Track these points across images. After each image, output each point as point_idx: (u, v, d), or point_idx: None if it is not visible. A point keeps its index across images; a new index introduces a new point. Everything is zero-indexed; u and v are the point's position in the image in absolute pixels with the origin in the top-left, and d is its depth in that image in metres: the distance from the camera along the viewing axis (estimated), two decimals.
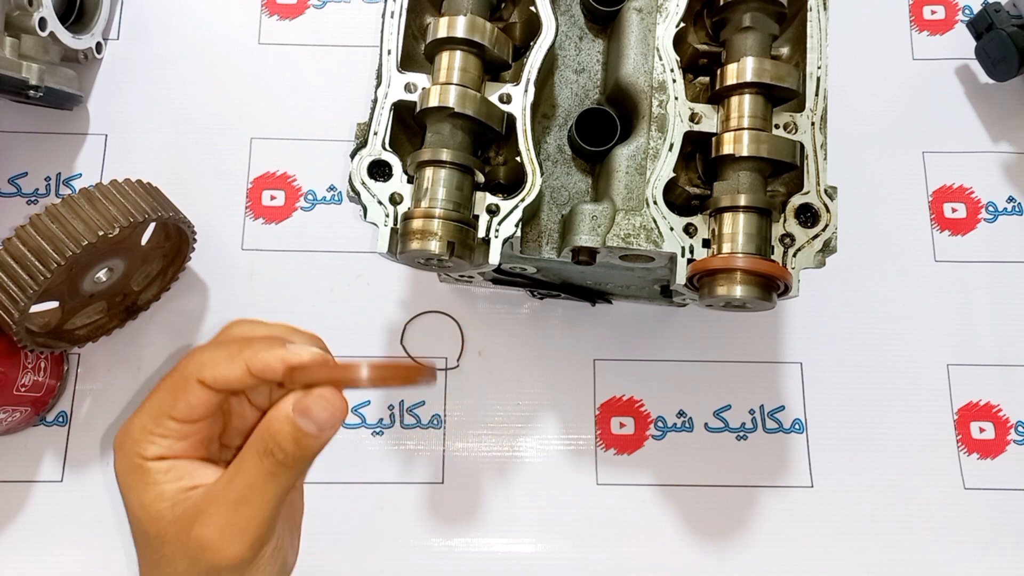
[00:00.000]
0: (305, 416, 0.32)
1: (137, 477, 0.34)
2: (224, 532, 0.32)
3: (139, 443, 0.34)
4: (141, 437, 0.34)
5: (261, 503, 0.33)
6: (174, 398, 0.34)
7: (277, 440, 0.32)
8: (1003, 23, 0.64)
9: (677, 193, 0.47)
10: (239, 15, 0.71)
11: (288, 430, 0.32)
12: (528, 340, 0.64)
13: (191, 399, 0.34)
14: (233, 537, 0.32)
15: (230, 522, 0.32)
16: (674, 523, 0.60)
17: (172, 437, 0.34)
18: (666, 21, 0.48)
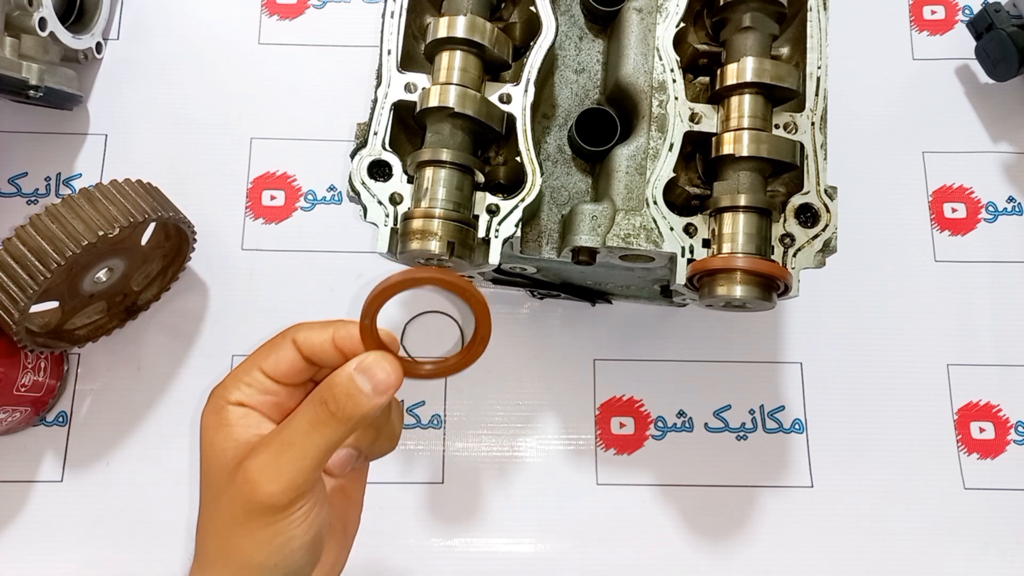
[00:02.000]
0: (364, 374, 0.35)
1: (215, 418, 0.36)
2: (264, 469, 0.34)
3: (227, 388, 0.37)
4: (230, 383, 0.37)
5: (304, 449, 0.34)
6: (268, 352, 0.37)
7: (333, 391, 0.35)
8: (1003, 23, 0.64)
9: (677, 193, 0.47)
10: (239, 15, 0.71)
11: (345, 384, 0.35)
12: (528, 340, 0.64)
13: (280, 355, 0.37)
14: (271, 476, 0.34)
15: (272, 461, 0.34)
16: (674, 523, 0.60)
17: (255, 388, 0.37)
18: (666, 21, 0.48)
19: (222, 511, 0.36)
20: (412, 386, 0.63)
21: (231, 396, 0.37)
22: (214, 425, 0.36)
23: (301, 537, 0.36)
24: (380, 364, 0.35)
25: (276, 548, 0.35)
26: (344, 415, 0.34)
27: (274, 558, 0.35)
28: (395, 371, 0.35)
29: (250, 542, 0.35)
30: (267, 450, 0.35)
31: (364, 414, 0.35)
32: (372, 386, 0.35)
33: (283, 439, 0.35)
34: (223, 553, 0.36)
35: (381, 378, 0.35)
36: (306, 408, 0.35)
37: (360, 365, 0.35)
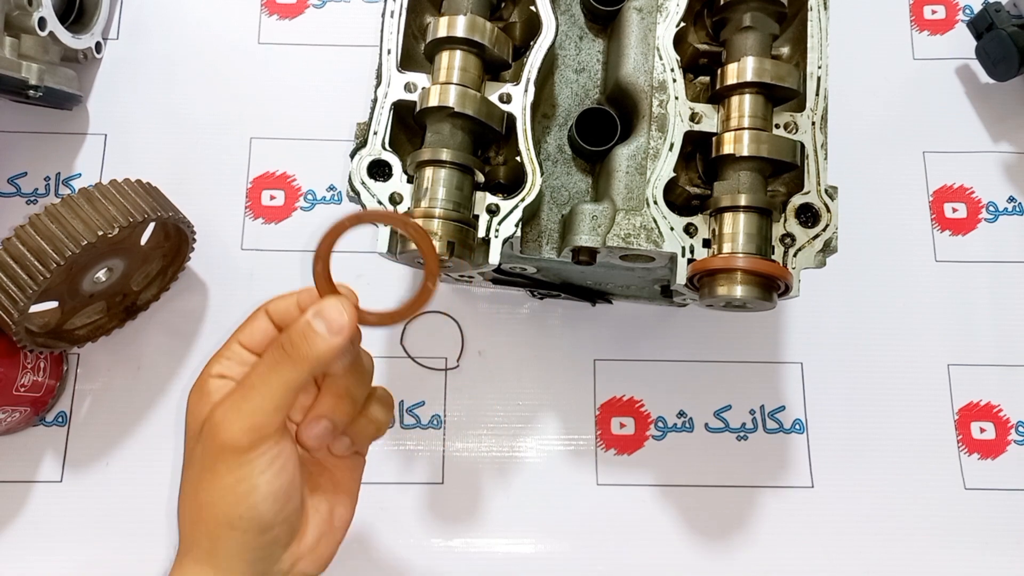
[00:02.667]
0: (318, 316, 0.37)
1: (198, 390, 0.39)
2: (228, 412, 0.36)
3: (210, 365, 0.39)
4: (213, 360, 0.40)
5: (264, 391, 0.36)
6: (244, 326, 0.40)
7: (290, 334, 0.37)
8: (1003, 23, 0.64)
9: (677, 193, 0.47)
10: (239, 15, 0.71)
11: (301, 327, 0.37)
12: (528, 340, 0.64)
13: (255, 326, 0.40)
14: (234, 419, 0.36)
15: (235, 404, 0.37)
16: (674, 523, 0.60)
17: (234, 360, 0.39)
18: (666, 21, 0.48)
19: (193, 467, 0.38)
20: (412, 386, 0.63)
21: (212, 370, 0.39)
22: (197, 397, 0.39)
23: (266, 485, 0.37)
24: (333, 305, 0.37)
25: (240, 495, 0.36)
26: (299, 355, 0.36)
27: (240, 506, 0.36)
28: (348, 311, 0.37)
29: (216, 490, 0.36)
30: (230, 397, 0.37)
31: (319, 355, 0.36)
32: (326, 326, 0.36)
33: (244, 384, 0.37)
34: (194, 511, 0.38)
35: (334, 316, 0.36)
36: (266, 354, 0.37)
37: (316, 309, 0.37)
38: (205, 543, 0.37)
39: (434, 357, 0.64)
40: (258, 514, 0.37)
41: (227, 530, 0.37)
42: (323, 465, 0.42)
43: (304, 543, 0.40)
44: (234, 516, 0.36)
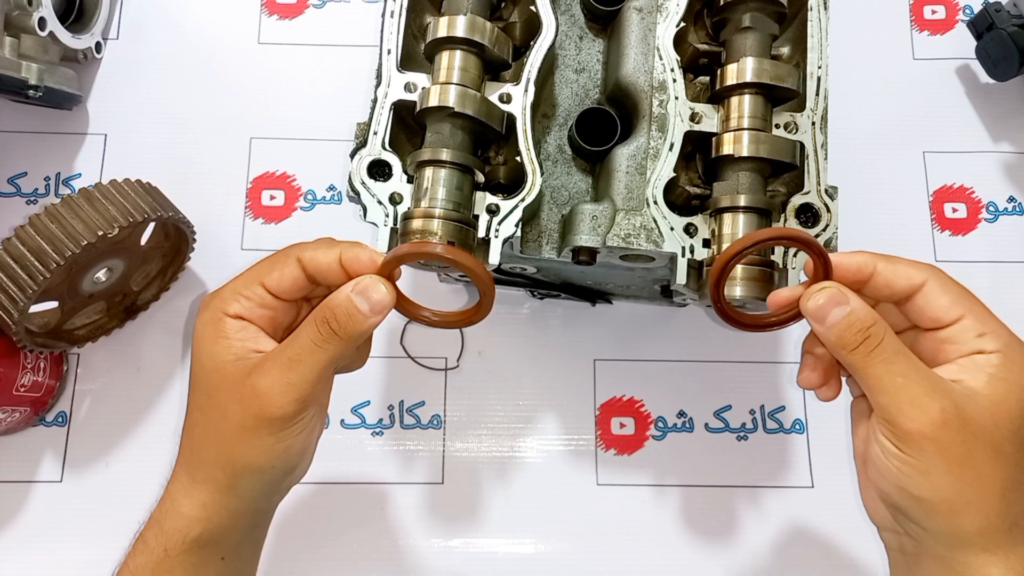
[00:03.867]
0: (361, 295, 0.37)
1: (213, 329, 0.38)
2: (276, 384, 0.37)
3: (226, 300, 0.39)
4: (229, 296, 0.39)
5: (311, 364, 0.37)
6: (271, 268, 0.39)
7: (334, 312, 0.37)
8: (1003, 23, 0.64)
9: (677, 193, 0.47)
10: (239, 15, 0.71)
11: (345, 304, 0.37)
12: (528, 340, 0.64)
13: (284, 271, 0.39)
14: (283, 390, 0.37)
15: (282, 376, 0.37)
16: (674, 523, 0.60)
17: (255, 302, 0.39)
18: (666, 21, 0.48)
19: (227, 423, 0.38)
20: (412, 386, 0.63)
21: (230, 308, 0.38)
22: (211, 336, 0.38)
23: (302, 443, 0.39)
24: (376, 286, 0.38)
25: (279, 453, 0.38)
26: (345, 333, 0.37)
27: (276, 461, 0.39)
28: (389, 293, 0.38)
29: (255, 449, 0.38)
30: (275, 367, 0.37)
31: (362, 332, 0.38)
32: (369, 306, 0.37)
33: (290, 356, 0.37)
34: (222, 458, 0.39)
35: (377, 299, 0.37)
36: (309, 328, 0.38)
37: (357, 287, 0.38)
38: (226, 480, 0.39)
39: (434, 357, 0.64)
40: (289, 464, 0.39)
41: (255, 474, 0.39)
42: None
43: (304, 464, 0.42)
44: (267, 466, 0.39)
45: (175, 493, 0.40)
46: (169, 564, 0.40)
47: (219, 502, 0.39)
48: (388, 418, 0.62)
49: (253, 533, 0.43)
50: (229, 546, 0.41)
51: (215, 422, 0.39)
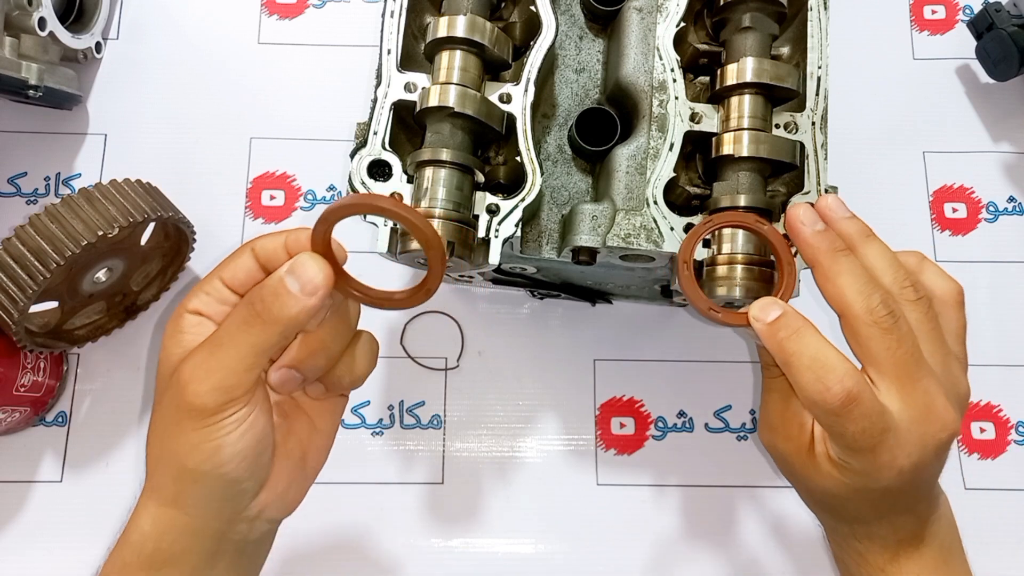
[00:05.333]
0: (292, 274, 0.34)
1: (172, 325, 0.37)
2: (196, 369, 0.34)
3: (188, 298, 0.37)
4: (191, 294, 0.38)
5: (233, 349, 0.34)
6: (227, 262, 0.38)
7: (261, 292, 0.35)
8: (1003, 23, 0.64)
9: (677, 193, 0.47)
10: (239, 15, 0.71)
11: (273, 284, 0.34)
12: (528, 340, 0.64)
13: (238, 262, 0.37)
14: (200, 376, 0.34)
15: (203, 362, 0.35)
16: (674, 523, 0.60)
17: (213, 297, 0.37)
18: (666, 21, 0.48)
19: (162, 413, 0.36)
20: (412, 386, 0.63)
21: (189, 305, 0.37)
22: (170, 332, 0.37)
23: (232, 446, 0.35)
24: (308, 263, 0.34)
25: (207, 454, 0.35)
26: (270, 315, 0.34)
27: (205, 464, 0.35)
28: (323, 271, 0.34)
29: (182, 444, 0.35)
30: (199, 351, 0.35)
31: (292, 316, 0.34)
32: (300, 286, 0.34)
33: (213, 340, 0.35)
34: (162, 457, 0.37)
35: (309, 277, 0.34)
36: (236, 310, 0.35)
37: (291, 266, 0.34)
38: (170, 488, 0.37)
39: (434, 357, 0.64)
40: (224, 472, 0.35)
41: (191, 481, 0.36)
42: (299, 407, 0.41)
43: (273, 491, 0.39)
44: (200, 471, 0.35)
45: (138, 504, 0.38)
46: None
47: (167, 517, 0.37)
48: (388, 418, 0.62)
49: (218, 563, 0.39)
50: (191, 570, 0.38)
51: (156, 417, 0.37)
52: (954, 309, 0.41)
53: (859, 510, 0.41)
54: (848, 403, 0.36)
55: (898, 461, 0.37)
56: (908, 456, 0.37)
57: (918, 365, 0.37)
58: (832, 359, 0.37)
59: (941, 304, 0.40)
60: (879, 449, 0.37)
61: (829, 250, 0.39)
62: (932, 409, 0.37)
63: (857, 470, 0.38)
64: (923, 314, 0.39)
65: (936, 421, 0.37)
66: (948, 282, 0.41)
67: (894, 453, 0.37)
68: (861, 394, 0.36)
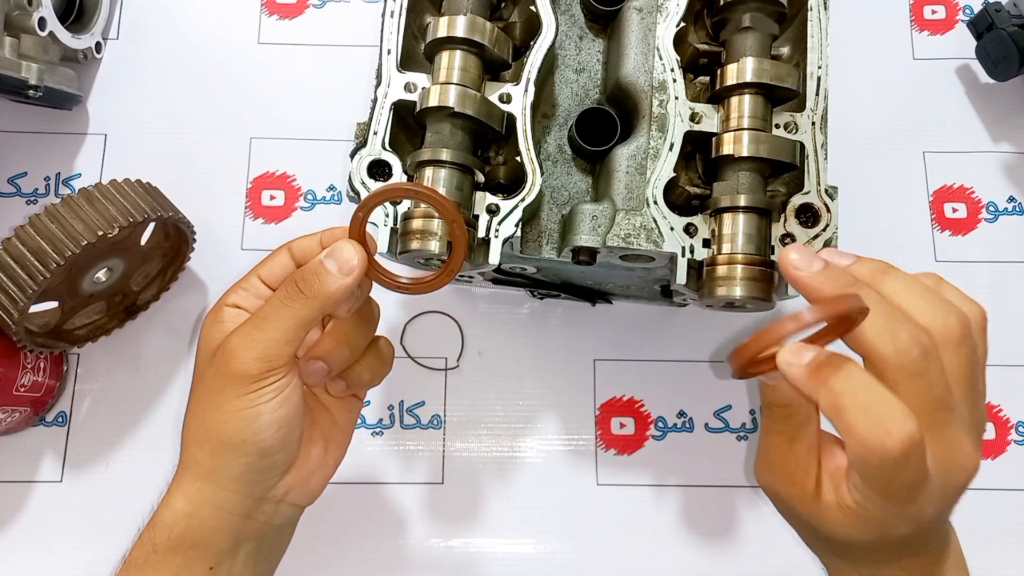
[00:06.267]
0: (330, 256, 0.38)
1: (212, 317, 0.41)
2: (241, 340, 0.38)
3: (227, 294, 0.41)
4: (230, 290, 0.42)
5: (275, 322, 0.38)
6: (265, 260, 0.42)
7: (303, 272, 0.38)
8: (1004, 23, 0.64)
9: (677, 193, 0.47)
10: (239, 15, 0.71)
11: (313, 265, 0.38)
12: (528, 340, 0.64)
13: (275, 260, 0.42)
14: (246, 345, 0.38)
15: (247, 334, 0.38)
16: (674, 523, 0.60)
17: (251, 292, 0.41)
18: (666, 21, 0.48)
19: (203, 390, 0.39)
20: (412, 386, 0.63)
21: (228, 299, 0.41)
22: (210, 322, 0.41)
23: (271, 413, 0.38)
24: (345, 247, 0.38)
25: (247, 420, 0.38)
26: (311, 291, 0.38)
27: (245, 431, 0.38)
28: (359, 254, 0.38)
29: (223, 413, 0.38)
30: (244, 326, 0.39)
31: (330, 292, 0.38)
32: (338, 266, 0.38)
33: (258, 315, 0.39)
34: (199, 431, 0.39)
35: (346, 258, 0.38)
36: (280, 288, 0.39)
37: (330, 250, 0.39)
38: (206, 462, 0.39)
39: (434, 357, 0.64)
40: (261, 439, 0.38)
41: (229, 451, 0.39)
42: (322, 403, 0.44)
43: (299, 473, 0.42)
44: (238, 439, 0.38)
45: (171, 484, 0.41)
46: (156, 561, 0.40)
47: (201, 492, 0.39)
48: (388, 418, 0.62)
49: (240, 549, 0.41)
50: (216, 554, 0.40)
51: (196, 395, 0.40)
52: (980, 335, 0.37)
53: (868, 555, 0.38)
54: (912, 450, 0.31)
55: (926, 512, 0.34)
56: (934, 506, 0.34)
57: (949, 410, 0.33)
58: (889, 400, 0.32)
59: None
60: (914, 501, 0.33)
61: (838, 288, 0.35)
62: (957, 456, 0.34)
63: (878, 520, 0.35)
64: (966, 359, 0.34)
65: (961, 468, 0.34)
66: (971, 306, 0.37)
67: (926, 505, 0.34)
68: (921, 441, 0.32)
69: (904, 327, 0.34)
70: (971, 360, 0.34)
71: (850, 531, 0.36)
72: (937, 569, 0.38)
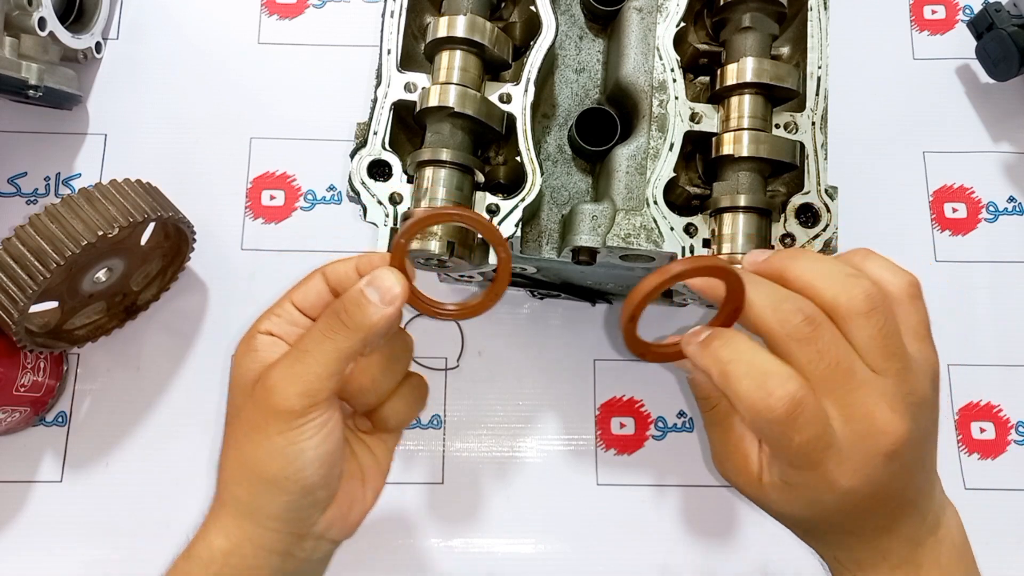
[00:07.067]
0: (372, 286, 0.37)
1: (245, 344, 0.39)
2: (283, 376, 0.37)
3: (260, 320, 0.40)
4: (263, 316, 0.40)
5: (318, 356, 0.37)
6: (299, 286, 0.40)
7: (344, 302, 0.37)
8: (1003, 23, 0.64)
9: (677, 193, 0.47)
10: (239, 15, 0.71)
11: (354, 295, 0.37)
12: (528, 340, 0.64)
13: (309, 285, 0.40)
14: (288, 381, 0.36)
15: (289, 367, 0.37)
16: (674, 523, 0.60)
17: (284, 319, 0.39)
18: (666, 21, 0.48)
19: (241, 424, 0.38)
20: None
21: (260, 326, 0.39)
22: (243, 350, 0.39)
23: (313, 450, 0.37)
24: (386, 275, 0.37)
25: (289, 458, 0.37)
26: (354, 323, 0.37)
27: (287, 468, 0.37)
28: (401, 282, 0.37)
29: (264, 451, 0.37)
30: (284, 360, 0.37)
31: (372, 323, 0.37)
32: (379, 295, 0.37)
33: (299, 347, 0.37)
34: (240, 469, 0.38)
35: (387, 287, 0.37)
36: (320, 320, 0.38)
37: (370, 279, 0.37)
38: (247, 499, 0.38)
39: (434, 357, 0.64)
40: (304, 477, 0.37)
41: (271, 489, 0.37)
42: (358, 435, 0.43)
43: (339, 508, 0.40)
44: (280, 477, 0.37)
45: (208, 519, 0.39)
46: None
47: (243, 531, 0.38)
48: None
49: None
50: None
51: (234, 430, 0.38)
52: (909, 304, 0.37)
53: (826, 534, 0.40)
54: (793, 408, 0.32)
55: (842, 480, 0.34)
56: (854, 474, 0.34)
57: (849, 375, 0.34)
58: (771, 363, 0.33)
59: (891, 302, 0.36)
60: (822, 467, 0.34)
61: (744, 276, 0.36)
62: (873, 422, 0.34)
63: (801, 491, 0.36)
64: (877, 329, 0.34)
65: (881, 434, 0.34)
66: (898, 276, 0.38)
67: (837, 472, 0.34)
68: (805, 399, 0.33)
69: (789, 300, 0.34)
70: (885, 330, 0.34)
71: (789, 508, 0.38)
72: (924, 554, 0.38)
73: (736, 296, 0.35)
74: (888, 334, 0.35)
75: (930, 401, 0.36)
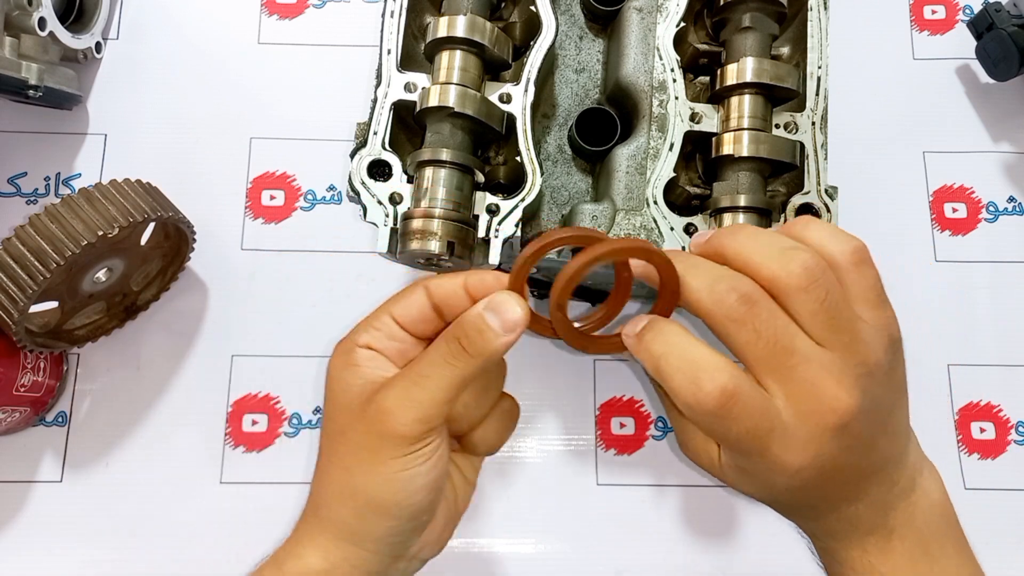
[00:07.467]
0: (493, 312, 0.35)
1: (344, 358, 0.38)
2: (399, 400, 0.35)
3: (357, 332, 0.38)
4: (360, 328, 0.38)
5: (436, 381, 0.35)
6: (399, 298, 0.38)
7: (464, 327, 0.36)
8: (1004, 23, 0.64)
9: (677, 193, 0.47)
10: (239, 15, 0.71)
11: (475, 321, 0.36)
12: (528, 340, 0.64)
13: (411, 300, 0.38)
14: (406, 406, 0.35)
15: (406, 393, 0.36)
16: (674, 523, 0.60)
17: (383, 332, 0.38)
18: (666, 21, 0.48)
19: (349, 446, 0.37)
20: None
21: (359, 339, 0.38)
22: (342, 365, 0.38)
23: (425, 475, 0.36)
24: (508, 302, 0.36)
25: (402, 483, 0.36)
26: (475, 350, 0.35)
27: (399, 494, 0.36)
28: (523, 309, 0.36)
29: (377, 476, 0.36)
30: (401, 382, 0.36)
31: (493, 351, 0.36)
32: (500, 323, 0.35)
33: (417, 372, 0.36)
34: (345, 490, 0.37)
35: (509, 316, 0.35)
36: (439, 344, 0.36)
37: (490, 303, 0.36)
38: (352, 522, 0.37)
39: None
40: (414, 502, 0.36)
41: (379, 514, 0.36)
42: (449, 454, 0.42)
43: (434, 529, 0.40)
44: (391, 503, 0.36)
45: (301, 534, 0.38)
46: None
47: (342, 552, 0.37)
48: None
49: None
50: None
51: (340, 449, 0.37)
52: (855, 271, 0.36)
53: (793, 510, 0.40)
54: (725, 401, 0.32)
55: (791, 461, 0.34)
56: (802, 452, 0.34)
57: (790, 352, 0.33)
58: (702, 355, 0.33)
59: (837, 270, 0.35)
60: (768, 451, 0.34)
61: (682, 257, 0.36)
62: (818, 398, 0.33)
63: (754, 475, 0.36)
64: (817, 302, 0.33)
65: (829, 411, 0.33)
66: (841, 242, 0.36)
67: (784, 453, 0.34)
68: (738, 389, 0.32)
69: (724, 280, 0.34)
70: (828, 302, 0.34)
71: (749, 489, 0.38)
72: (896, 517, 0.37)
73: (670, 280, 0.34)
74: (831, 306, 0.34)
75: (885, 368, 0.35)
